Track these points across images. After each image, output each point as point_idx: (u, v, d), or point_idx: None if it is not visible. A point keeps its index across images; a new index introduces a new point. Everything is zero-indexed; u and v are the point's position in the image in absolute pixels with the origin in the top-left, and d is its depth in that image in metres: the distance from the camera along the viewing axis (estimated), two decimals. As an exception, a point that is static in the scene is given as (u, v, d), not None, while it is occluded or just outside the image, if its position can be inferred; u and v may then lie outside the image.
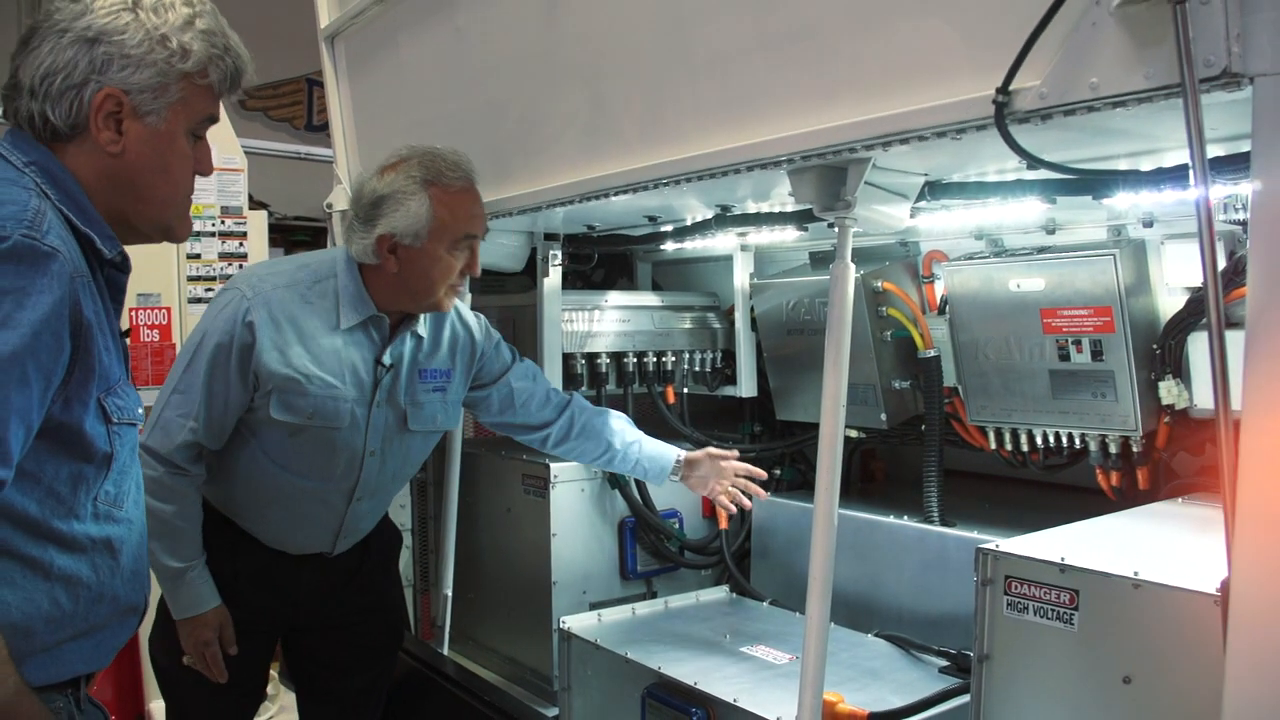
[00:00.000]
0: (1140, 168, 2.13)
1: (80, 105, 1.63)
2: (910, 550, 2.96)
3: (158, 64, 1.66)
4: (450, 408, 2.90)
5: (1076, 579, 1.90)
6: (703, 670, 2.57)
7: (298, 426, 2.60)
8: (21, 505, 1.54)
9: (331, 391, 2.62)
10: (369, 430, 2.70)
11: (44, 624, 1.58)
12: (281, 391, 2.57)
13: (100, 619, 1.68)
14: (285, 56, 7.93)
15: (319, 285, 2.66)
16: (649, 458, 3.08)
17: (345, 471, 2.70)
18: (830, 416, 2.12)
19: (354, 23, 3.57)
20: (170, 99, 1.69)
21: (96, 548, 1.66)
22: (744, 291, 3.66)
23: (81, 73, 1.62)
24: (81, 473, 1.61)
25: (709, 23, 2.24)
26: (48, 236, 1.49)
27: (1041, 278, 2.64)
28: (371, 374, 2.69)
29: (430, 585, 4.09)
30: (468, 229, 2.66)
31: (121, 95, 1.64)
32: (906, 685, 2.51)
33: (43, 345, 1.46)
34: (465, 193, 2.66)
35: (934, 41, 1.81)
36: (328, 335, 2.64)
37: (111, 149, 1.66)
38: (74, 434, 1.58)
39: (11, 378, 1.42)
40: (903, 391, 3.11)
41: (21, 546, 1.55)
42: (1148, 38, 1.45)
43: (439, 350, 2.86)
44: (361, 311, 2.66)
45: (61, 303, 1.49)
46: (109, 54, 1.63)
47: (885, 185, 2.23)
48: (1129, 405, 2.56)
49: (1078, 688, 1.90)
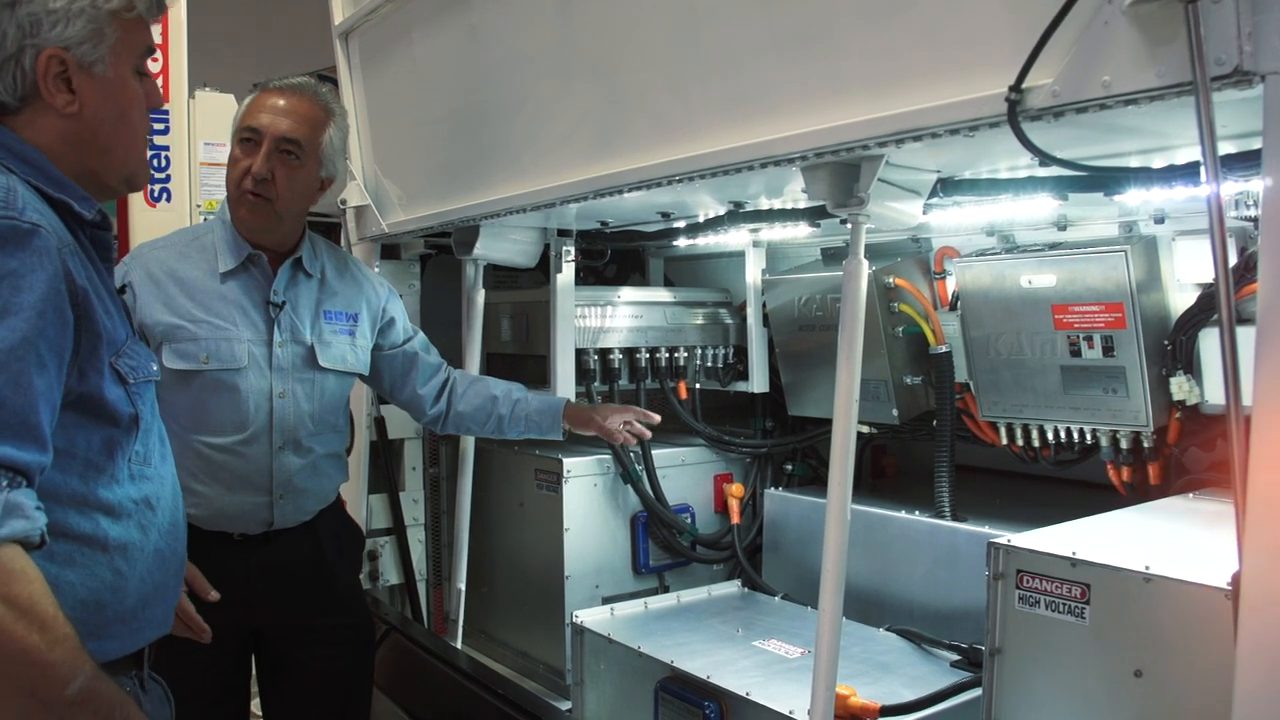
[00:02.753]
0: (1152, 165, 2.14)
1: (23, 74, 1.59)
2: (921, 545, 2.97)
3: (85, 11, 1.61)
4: (359, 352, 2.89)
5: (1088, 573, 1.92)
6: (715, 664, 2.59)
7: (196, 375, 2.59)
8: (65, 483, 1.56)
9: (223, 333, 2.62)
10: (274, 370, 2.69)
11: (111, 594, 1.62)
12: (170, 340, 2.57)
13: (157, 577, 1.73)
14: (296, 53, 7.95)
15: (196, 241, 2.70)
16: (535, 414, 3.09)
17: (256, 417, 2.66)
18: (843, 412, 2.13)
19: (368, 19, 3.58)
20: (109, 42, 1.64)
21: (139, 508, 1.69)
22: (756, 287, 3.67)
23: (14, 41, 1.58)
24: (113, 437, 1.63)
25: (722, 20, 2.25)
26: (25, 213, 1.47)
27: (1053, 274, 2.65)
28: (264, 313, 2.70)
29: (443, 579, 4.11)
30: (249, 122, 2.68)
31: (63, 53, 1.60)
32: (918, 679, 2.52)
33: (49, 324, 1.45)
34: (269, 93, 2.71)
35: (947, 39, 1.81)
36: (209, 281, 2.66)
37: (70, 110, 1.62)
38: (96, 402, 1.59)
39: (28, 363, 1.42)
40: (914, 387, 3.12)
41: (75, 525, 1.58)
42: (1160, 36, 1.46)
43: (341, 293, 2.86)
44: (238, 254, 2.68)
45: (56, 277, 1.47)
46: (34, 14, 1.58)
47: (898, 182, 2.24)
48: (1140, 401, 2.57)
49: (1089, 681, 1.92)
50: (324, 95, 2.76)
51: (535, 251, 3.61)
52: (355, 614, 2.97)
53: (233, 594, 2.55)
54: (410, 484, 4.15)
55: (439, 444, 4.18)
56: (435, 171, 3.43)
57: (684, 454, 3.75)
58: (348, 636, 2.92)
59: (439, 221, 3.41)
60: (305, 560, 2.79)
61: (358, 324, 2.87)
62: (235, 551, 2.69)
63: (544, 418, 3.07)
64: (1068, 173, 2.15)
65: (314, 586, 2.81)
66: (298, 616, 2.80)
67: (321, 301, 2.80)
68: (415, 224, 3.55)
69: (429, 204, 3.46)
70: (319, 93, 2.75)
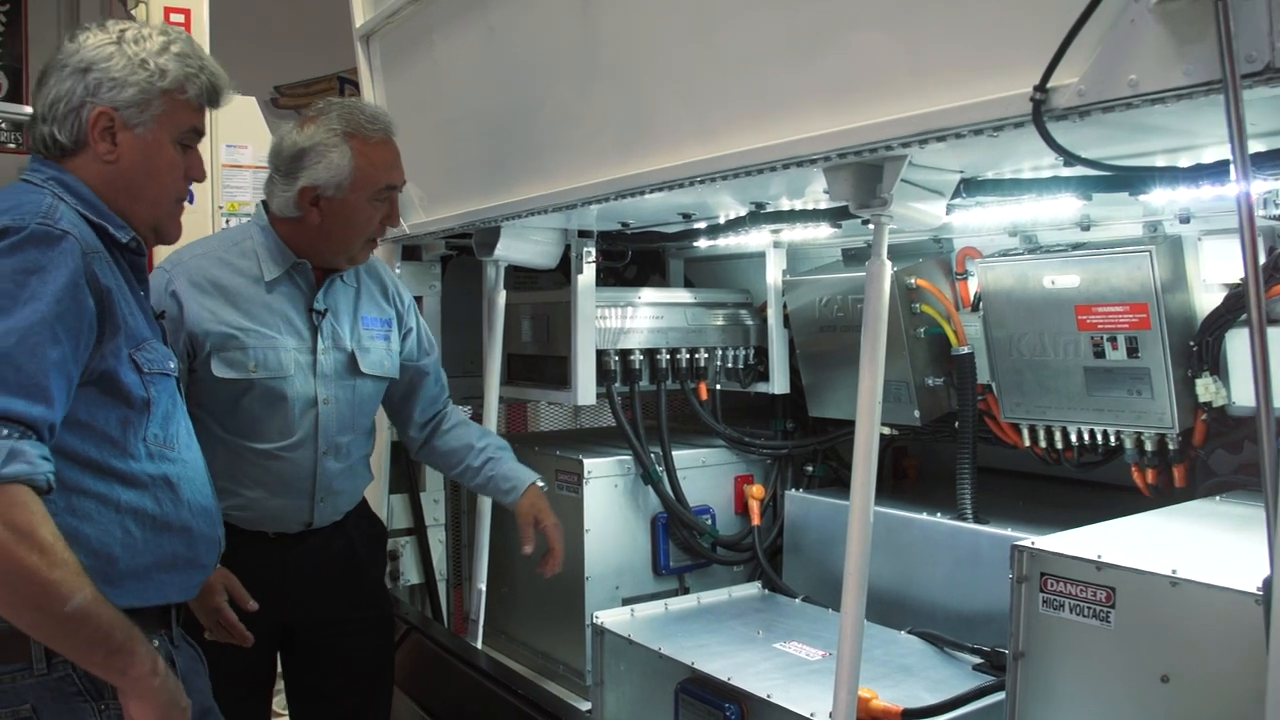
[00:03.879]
0: (1178, 164, 2.12)
1: (80, 124, 1.97)
2: (943, 547, 2.95)
3: (139, 83, 1.99)
4: (394, 356, 2.91)
5: (1113, 577, 1.90)
6: (736, 666, 2.58)
7: (245, 384, 2.62)
8: (83, 450, 1.88)
9: (270, 342, 2.65)
10: (318, 377, 2.71)
11: (122, 549, 1.91)
12: (220, 350, 2.59)
13: (180, 550, 2.03)
14: (317, 55, 7.99)
15: (236, 247, 2.71)
16: (502, 477, 3.05)
17: (302, 423, 2.70)
18: (866, 414, 2.12)
19: (389, 22, 3.59)
20: (154, 112, 2.01)
21: (155, 483, 1.99)
22: (777, 288, 3.66)
23: (79, 97, 1.97)
24: (127, 417, 1.94)
25: (744, 20, 2.24)
26: (59, 223, 1.82)
27: (1076, 274, 2.63)
28: (307, 322, 2.72)
29: (464, 579, 4.12)
30: (388, 179, 2.70)
31: (112, 112, 1.98)
32: (940, 683, 2.51)
33: (65, 309, 1.77)
34: (384, 144, 2.70)
35: (971, 38, 1.80)
36: (254, 290, 2.68)
37: (108, 158, 1.99)
38: (114, 382, 1.91)
39: (45, 338, 1.74)
40: (936, 388, 3.10)
41: (91, 485, 1.89)
42: (1188, 34, 1.45)
43: (375, 299, 2.89)
44: (282, 262, 2.70)
45: (77, 272, 1.80)
46: (98, 79, 1.97)
47: (921, 182, 2.23)
48: (1165, 402, 2.55)
49: (1115, 686, 1.90)
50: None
51: (556, 252, 3.61)
52: (381, 606, 3.05)
53: (267, 591, 2.64)
54: (431, 484, 4.16)
55: (460, 444, 4.18)
56: (456, 173, 3.44)
57: (704, 455, 3.74)
58: (373, 628, 3.00)
59: (460, 222, 3.42)
60: (337, 556, 2.86)
61: (391, 328, 2.90)
62: (270, 550, 2.76)
63: (504, 483, 3.04)
64: (1092, 172, 2.14)
65: (345, 581, 2.89)
66: (328, 611, 2.86)
67: (359, 308, 2.83)
68: (436, 225, 3.56)
69: (450, 205, 3.46)
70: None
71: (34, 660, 1.82)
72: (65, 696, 1.85)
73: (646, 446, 3.55)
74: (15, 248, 1.76)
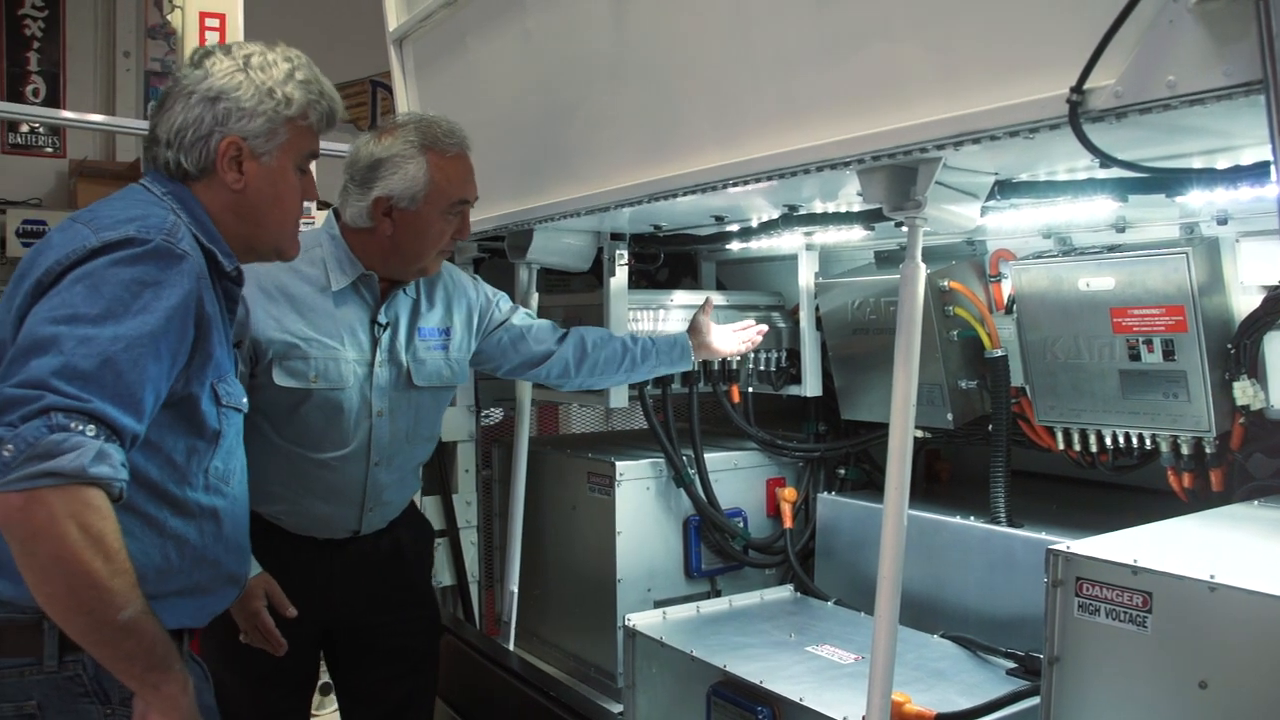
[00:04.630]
0: (1215, 165, 2.10)
1: (208, 152, 2.01)
2: (976, 551, 2.94)
3: (267, 113, 2.03)
4: (455, 364, 2.93)
5: (1150, 581, 1.88)
6: (768, 669, 2.57)
7: (304, 393, 2.64)
8: (145, 469, 1.88)
9: (332, 353, 2.67)
10: (373, 389, 2.73)
11: (154, 574, 1.89)
12: (282, 358, 2.62)
13: (203, 580, 2.03)
14: (349, 58, 8.04)
15: (306, 255, 2.71)
16: (664, 347, 3.18)
17: (356, 434, 2.72)
18: (900, 417, 2.12)
19: (422, 25, 3.61)
20: (279, 141, 2.06)
21: (204, 515, 2.01)
22: (809, 291, 3.65)
23: (208, 126, 2.00)
24: (195, 446, 1.97)
25: (777, 22, 2.24)
26: (181, 242, 1.86)
27: (1111, 276, 2.61)
28: (369, 333, 2.74)
29: (495, 581, 4.13)
30: (461, 194, 2.74)
31: (241, 142, 2.02)
32: (974, 687, 2.49)
33: (173, 328, 1.81)
34: (459, 159, 2.75)
35: (1006, 39, 1.79)
36: (320, 300, 2.70)
37: (235, 186, 2.03)
38: (193, 410, 1.94)
39: (148, 352, 1.76)
40: (969, 391, 3.09)
41: (143, 505, 1.89)
42: (1227, 34, 1.44)
43: (434, 309, 2.91)
44: (350, 273, 2.73)
45: (190, 295, 1.85)
46: (228, 109, 2.00)
47: (955, 185, 2.22)
48: (1202, 406, 2.53)
49: (1151, 692, 1.88)
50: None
51: (588, 255, 3.62)
52: (426, 607, 3.10)
53: (315, 594, 2.69)
54: (463, 486, 4.18)
55: (491, 447, 4.21)
56: (489, 176, 3.43)
57: (736, 458, 3.74)
58: (419, 629, 3.04)
59: (493, 225, 3.43)
60: (385, 560, 2.90)
61: (450, 337, 2.92)
62: (319, 554, 2.79)
63: (671, 350, 3.20)
64: (1129, 174, 2.12)
65: (392, 584, 2.93)
66: (374, 612, 2.90)
67: (416, 320, 2.85)
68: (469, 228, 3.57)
69: (483, 208, 3.46)
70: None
71: (45, 657, 1.83)
72: (72, 696, 1.85)
73: (678, 449, 3.55)
74: (137, 259, 1.80)
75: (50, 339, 1.70)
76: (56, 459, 1.62)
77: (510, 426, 3.98)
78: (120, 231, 1.82)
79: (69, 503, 1.63)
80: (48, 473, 1.61)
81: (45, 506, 1.61)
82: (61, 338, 1.70)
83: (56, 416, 1.64)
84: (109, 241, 1.80)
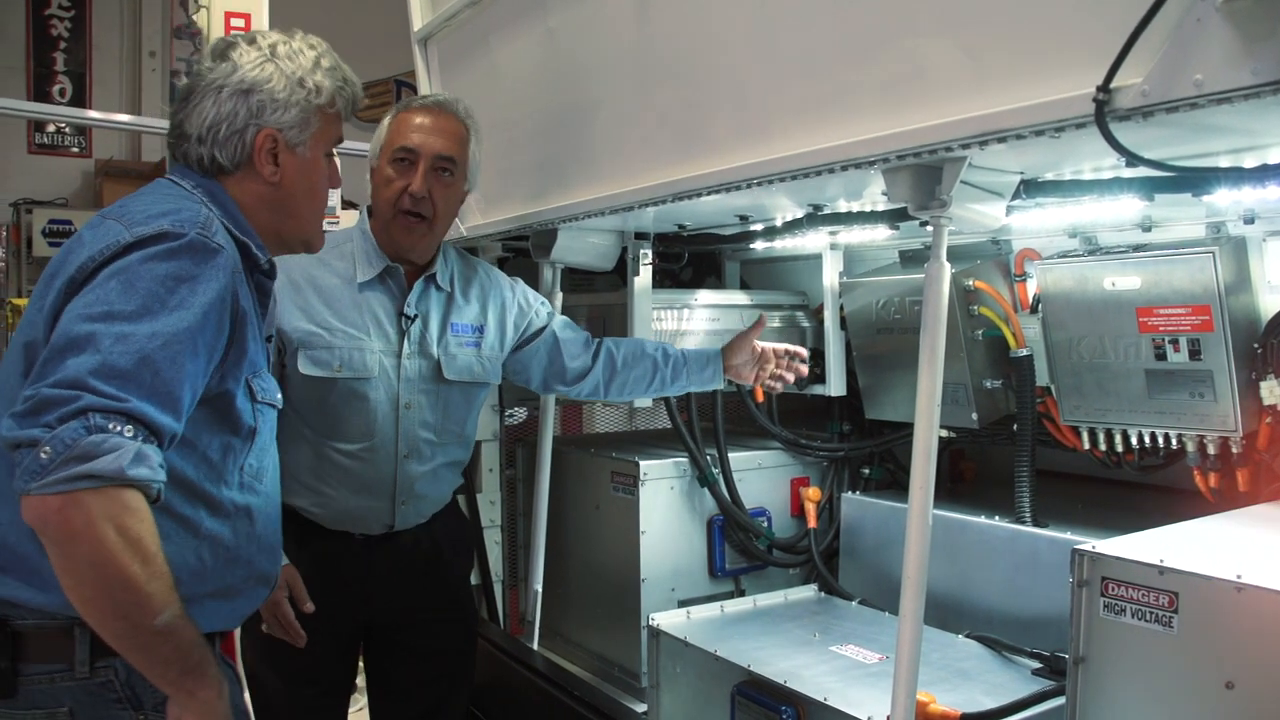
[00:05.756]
0: (1243, 164, 2.09)
1: (244, 146, 1.99)
2: (1001, 550, 2.93)
3: (300, 103, 2.02)
4: (487, 362, 2.94)
5: (1176, 581, 1.88)
6: (792, 669, 2.58)
7: (329, 383, 2.67)
8: (181, 468, 1.84)
9: (357, 343, 2.70)
10: (400, 381, 2.76)
11: (189, 576, 1.84)
12: (307, 347, 2.66)
13: (236, 581, 2.00)
14: (373, 58, 8.07)
15: (337, 249, 2.78)
16: (695, 362, 3.15)
17: (383, 426, 2.74)
18: (925, 416, 2.12)
19: (447, 25, 3.62)
20: (312, 130, 2.05)
21: (239, 514, 1.98)
22: (833, 290, 3.65)
23: (243, 119, 1.98)
24: (230, 444, 1.94)
25: (801, 21, 2.24)
26: (215, 236, 1.84)
27: (1137, 276, 2.60)
28: (396, 325, 2.77)
29: (519, 580, 4.14)
30: (403, 141, 2.76)
31: (277, 134, 2.00)
32: (999, 687, 2.49)
33: (209, 324, 1.79)
34: (421, 111, 2.81)
35: (1031, 38, 1.79)
36: (346, 291, 2.75)
37: (273, 179, 2.02)
38: (228, 405, 1.91)
39: (186, 348, 1.74)
40: (994, 391, 3.08)
41: (178, 506, 1.85)
42: (1255, 33, 1.43)
43: (469, 305, 2.93)
44: (376, 265, 2.76)
45: (225, 289, 1.82)
46: (262, 101, 1.98)
47: (981, 184, 2.22)
48: (1228, 405, 2.52)
49: (1177, 692, 1.88)
50: (464, 110, 2.86)
51: (613, 254, 3.62)
52: (463, 605, 3.11)
53: (352, 591, 2.71)
54: (487, 485, 4.18)
55: (516, 446, 4.22)
56: (513, 175, 3.46)
57: (760, 457, 3.74)
58: (455, 628, 3.05)
59: (517, 225, 3.44)
60: (423, 558, 2.91)
61: (484, 335, 2.93)
62: (356, 551, 2.80)
63: (702, 368, 3.16)
64: (1155, 173, 2.11)
65: (430, 583, 2.94)
66: (411, 610, 2.91)
67: (449, 314, 2.87)
68: (493, 227, 3.59)
69: (507, 207, 3.49)
70: (459, 108, 2.85)
71: (76, 662, 1.80)
72: (105, 703, 1.82)
73: (702, 448, 3.56)
74: (172, 254, 1.77)
75: (86, 337, 1.66)
76: (95, 461, 1.59)
77: (534, 426, 3.99)
78: (153, 226, 1.79)
79: (107, 505, 1.60)
80: (86, 475, 1.58)
81: (83, 509, 1.58)
82: (98, 335, 1.66)
83: (94, 417, 1.61)
84: (142, 237, 1.77)
